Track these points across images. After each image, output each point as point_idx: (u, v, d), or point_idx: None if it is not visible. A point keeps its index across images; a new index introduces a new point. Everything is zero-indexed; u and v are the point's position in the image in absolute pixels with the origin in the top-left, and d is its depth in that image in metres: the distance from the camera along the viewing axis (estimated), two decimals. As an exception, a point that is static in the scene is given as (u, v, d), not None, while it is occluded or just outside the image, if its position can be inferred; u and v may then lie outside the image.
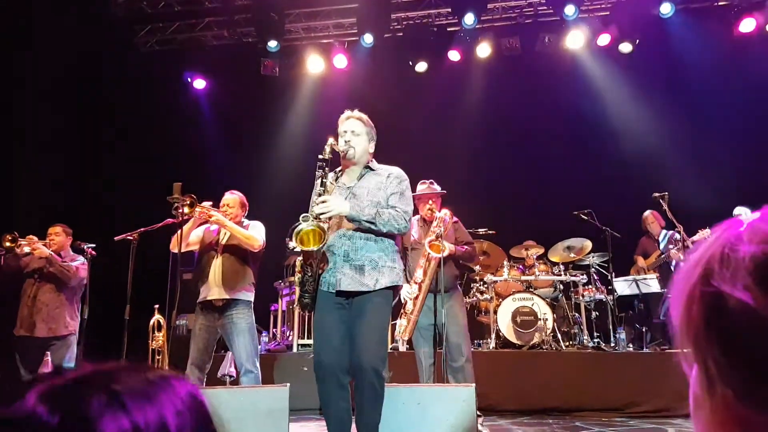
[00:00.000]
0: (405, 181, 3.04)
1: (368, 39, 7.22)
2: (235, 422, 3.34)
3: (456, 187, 5.09)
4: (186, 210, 4.00)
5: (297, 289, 2.95)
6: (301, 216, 2.79)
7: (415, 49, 7.46)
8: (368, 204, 2.87)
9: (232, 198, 4.21)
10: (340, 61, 7.63)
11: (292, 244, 2.80)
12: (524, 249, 6.38)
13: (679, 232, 5.26)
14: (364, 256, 2.84)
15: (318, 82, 7.85)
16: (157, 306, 5.08)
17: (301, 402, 4.52)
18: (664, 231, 6.32)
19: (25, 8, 6.16)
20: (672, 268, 6.08)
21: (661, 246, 6.28)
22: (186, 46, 7.79)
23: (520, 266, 6.31)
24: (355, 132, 2.98)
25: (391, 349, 5.36)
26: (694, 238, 5.33)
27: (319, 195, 2.81)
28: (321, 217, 2.75)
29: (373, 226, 2.82)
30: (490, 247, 6.31)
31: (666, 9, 7.01)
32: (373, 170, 3.04)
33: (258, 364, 4.05)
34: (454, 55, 7.57)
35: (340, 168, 3.05)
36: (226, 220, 4.03)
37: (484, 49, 7.51)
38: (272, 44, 7.27)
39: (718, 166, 7.07)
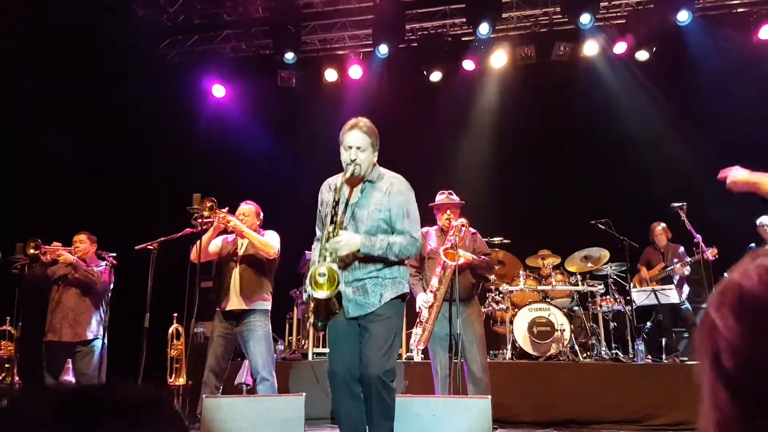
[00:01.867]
0: (408, 193, 2.91)
1: (383, 49, 7.29)
2: (251, 431, 3.38)
3: (471, 196, 5.10)
4: (205, 213, 4.10)
5: (311, 317, 2.93)
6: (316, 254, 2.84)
7: (429, 59, 7.49)
8: (369, 226, 2.79)
9: (247, 208, 4.30)
10: (356, 71, 7.70)
11: (309, 291, 2.72)
12: (540, 258, 6.34)
13: (697, 244, 5.20)
14: (365, 274, 2.80)
15: (334, 92, 7.93)
16: (176, 314, 5.15)
17: (315, 411, 4.54)
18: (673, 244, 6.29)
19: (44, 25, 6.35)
20: (675, 282, 6.02)
21: (666, 259, 6.24)
22: (205, 58, 7.93)
23: (537, 276, 6.28)
24: (360, 148, 2.81)
25: (406, 359, 5.36)
26: (706, 254, 5.29)
27: (329, 235, 2.72)
28: (332, 255, 2.69)
29: (385, 258, 2.79)
30: (506, 256, 6.29)
31: (683, 16, 6.94)
32: (372, 183, 2.89)
33: (274, 373, 4.10)
34: (468, 65, 7.59)
35: (342, 179, 2.87)
36: (244, 227, 4.11)
37: (499, 59, 7.52)
38: (289, 56, 7.37)
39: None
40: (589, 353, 5.71)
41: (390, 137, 3.13)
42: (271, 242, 4.17)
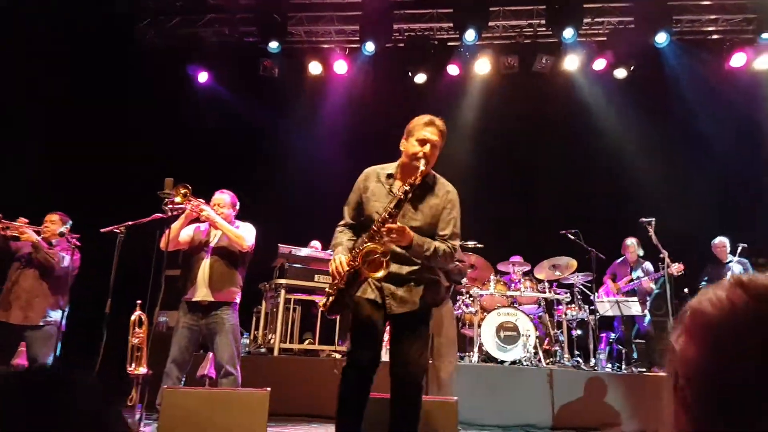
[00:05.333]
0: (458, 207, 2.85)
1: (370, 47, 7.26)
2: (213, 425, 3.30)
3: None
4: (178, 199, 3.96)
5: (330, 297, 2.75)
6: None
7: (415, 61, 7.51)
8: (419, 226, 2.68)
9: (222, 197, 4.18)
10: (341, 66, 7.66)
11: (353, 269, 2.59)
12: (511, 264, 6.43)
13: (662, 259, 5.35)
14: (409, 272, 2.73)
15: (317, 86, 7.86)
16: (139, 302, 5.00)
17: (281, 407, 4.48)
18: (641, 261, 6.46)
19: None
20: (637, 295, 6.21)
21: (635, 273, 6.40)
22: (186, 42, 7.74)
23: (507, 281, 6.36)
24: (435, 145, 2.71)
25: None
26: (670, 270, 5.45)
27: (392, 212, 2.57)
28: (385, 238, 2.55)
29: (425, 261, 2.70)
30: (478, 260, 6.34)
31: (661, 38, 7.15)
32: (430, 186, 2.79)
33: (239, 367, 4.02)
34: (453, 69, 7.64)
35: (393, 172, 2.80)
36: (217, 217, 4.00)
37: (482, 66, 7.59)
38: (273, 45, 7.27)
39: (705, 194, 7.20)
40: (552, 360, 5.81)
41: (372, 135, 3.12)
42: (245, 235, 4.07)
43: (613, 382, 5.19)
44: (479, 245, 5.86)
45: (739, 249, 6.04)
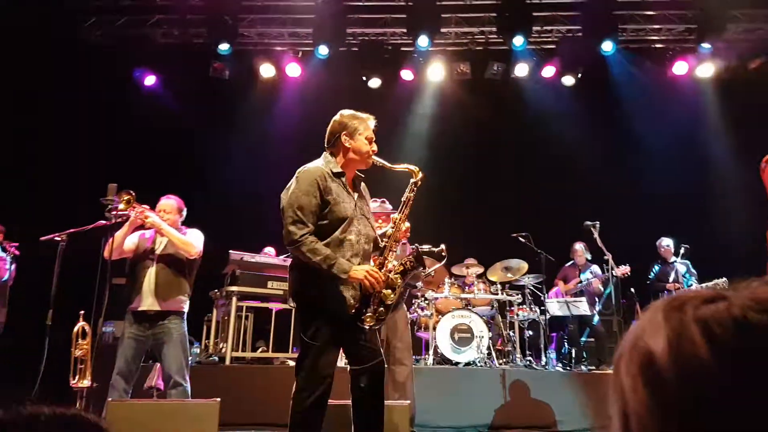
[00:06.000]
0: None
1: (323, 50, 7.24)
2: (161, 437, 3.21)
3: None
4: (122, 206, 3.85)
5: (382, 305, 2.75)
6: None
7: (369, 65, 7.53)
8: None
9: (168, 203, 4.08)
10: (293, 69, 7.59)
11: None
12: (465, 267, 6.52)
13: (607, 261, 5.53)
14: None
15: (269, 89, 7.77)
16: (83, 312, 4.81)
17: (234, 416, 4.40)
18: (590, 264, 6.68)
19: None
20: (586, 296, 6.42)
21: (583, 275, 6.61)
22: (134, 43, 7.51)
23: (461, 284, 6.44)
24: (375, 141, 2.85)
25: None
26: (615, 272, 5.64)
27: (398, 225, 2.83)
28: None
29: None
30: (433, 264, 6.39)
31: (608, 47, 7.41)
32: (361, 179, 2.93)
33: (188, 378, 3.92)
34: (407, 75, 7.70)
35: (341, 170, 2.79)
36: (163, 223, 3.91)
37: (436, 72, 7.68)
38: (224, 47, 7.14)
39: (650, 197, 7.49)
40: (505, 360, 5.92)
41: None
42: (192, 241, 3.99)
43: (564, 380, 5.33)
44: (434, 249, 5.92)
45: (682, 250, 6.32)
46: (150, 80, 7.57)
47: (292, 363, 5.44)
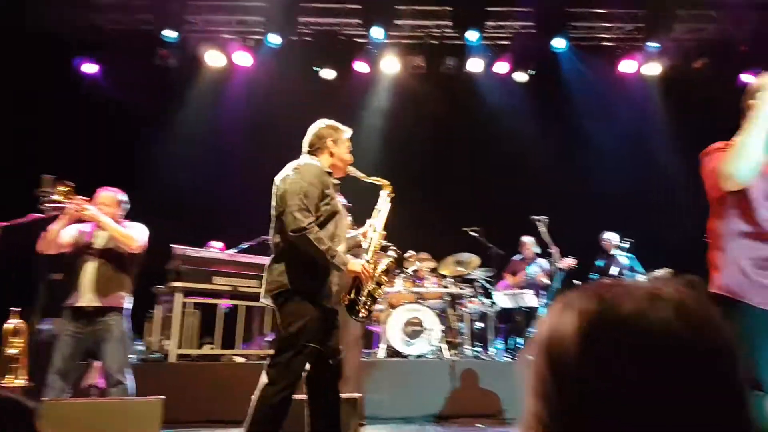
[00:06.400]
0: None
1: (273, 39, 7.09)
2: (101, 437, 3.12)
3: (356, 198, 5.12)
4: (59, 197, 3.69)
5: (372, 299, 3.01)
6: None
7: (322, 56, 7.43)
8: None
9: (107, 195, 3.94)
10: (242, 58, 7.41)
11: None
12: (418, 261, 6.56)
13: (551, 254, 5.67)
14: None
15: (217, 78, 7.57)
16: (19, 309, 4.59)
17: (180, 414, 4.31)
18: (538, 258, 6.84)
19: None
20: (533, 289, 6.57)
21: (530, 269, 6.76)
22: (78, 29, 7.15)
23: (413, 278, 6.48)
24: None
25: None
26: (560, 265, 5.78)
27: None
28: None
29: None
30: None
31: (559, 44, 7.56)
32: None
33: (130, 376, 3.81)
34: (362, 67, 7.64)
35: (330, 171, 3.04)
36: (102, 216, 3.77)
37: (391, 64, 7.65)
38: (170, 34, 6.90)
39: (598, 193, 7.70)
40: (455, 351, 6.02)
41: (277, 132, 3.07)
42: (134, 234, 3.85)
43: (511, 370, 5.45)
44: (387, 243, 5.92)
45: (626, 244, 6.54)
46: (93, 67, 7.24)
47: (240, 360, 5.38)
